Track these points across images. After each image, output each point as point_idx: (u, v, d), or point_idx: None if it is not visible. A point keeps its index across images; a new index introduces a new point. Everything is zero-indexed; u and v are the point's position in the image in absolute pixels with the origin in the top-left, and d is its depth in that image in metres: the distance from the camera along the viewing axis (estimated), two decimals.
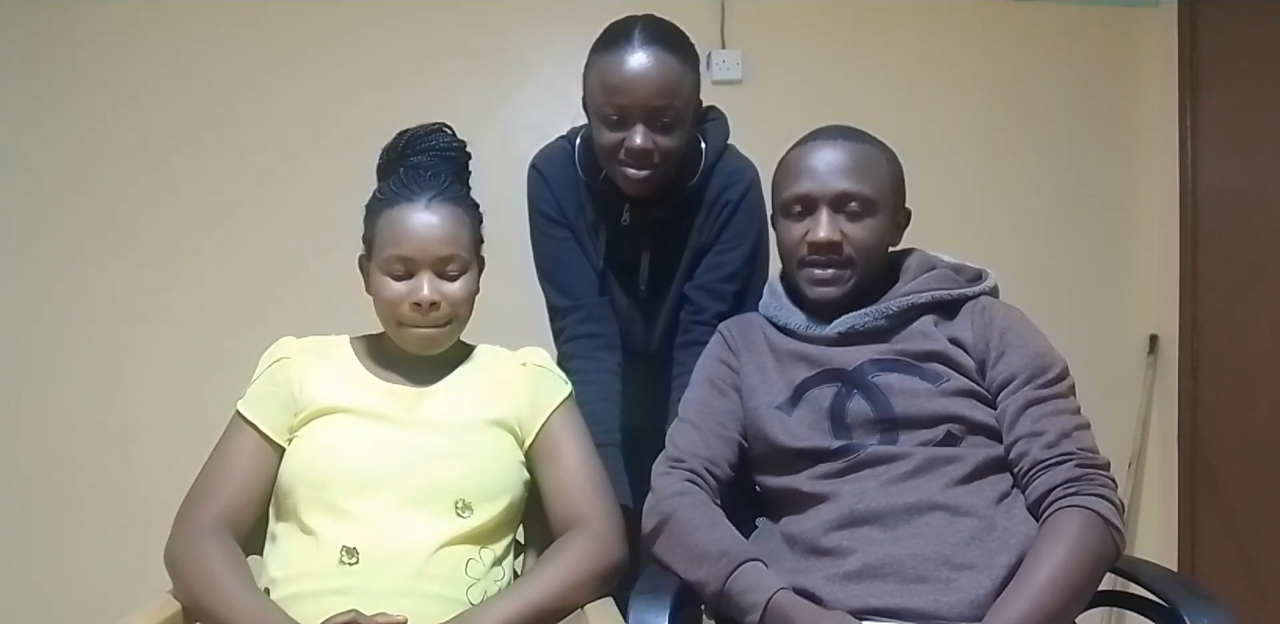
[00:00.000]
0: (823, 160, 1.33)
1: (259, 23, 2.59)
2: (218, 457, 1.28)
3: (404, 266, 1.27)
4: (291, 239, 2.56)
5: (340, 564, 1.16)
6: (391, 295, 1.27)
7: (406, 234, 1.26)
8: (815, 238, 1.31)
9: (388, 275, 1.27)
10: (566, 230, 1.64)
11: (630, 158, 1.48)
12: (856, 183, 1.32)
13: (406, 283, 1.27)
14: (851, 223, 1.32)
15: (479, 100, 2.60)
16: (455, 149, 1.36)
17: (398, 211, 1.27)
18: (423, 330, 1.29)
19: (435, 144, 1.35)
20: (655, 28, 1.49)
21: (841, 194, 1.31)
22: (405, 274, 1.27)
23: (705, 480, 1.30)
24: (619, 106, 1.45)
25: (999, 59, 2.73)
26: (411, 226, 1.26)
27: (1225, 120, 2.55)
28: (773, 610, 1.12)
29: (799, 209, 1.34)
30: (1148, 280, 2.74)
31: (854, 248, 1.32)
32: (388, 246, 1.27)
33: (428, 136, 1.35)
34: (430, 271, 1.27)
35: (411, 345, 1.31)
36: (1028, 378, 1.25)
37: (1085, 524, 1.12)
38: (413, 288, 1.27)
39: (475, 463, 1.26)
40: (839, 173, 1.32)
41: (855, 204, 1.32)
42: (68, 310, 2.55)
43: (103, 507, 2.51)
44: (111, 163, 2.56)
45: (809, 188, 1.32)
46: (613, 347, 1.64)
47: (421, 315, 1.27)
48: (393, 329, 1.31)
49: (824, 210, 1.32)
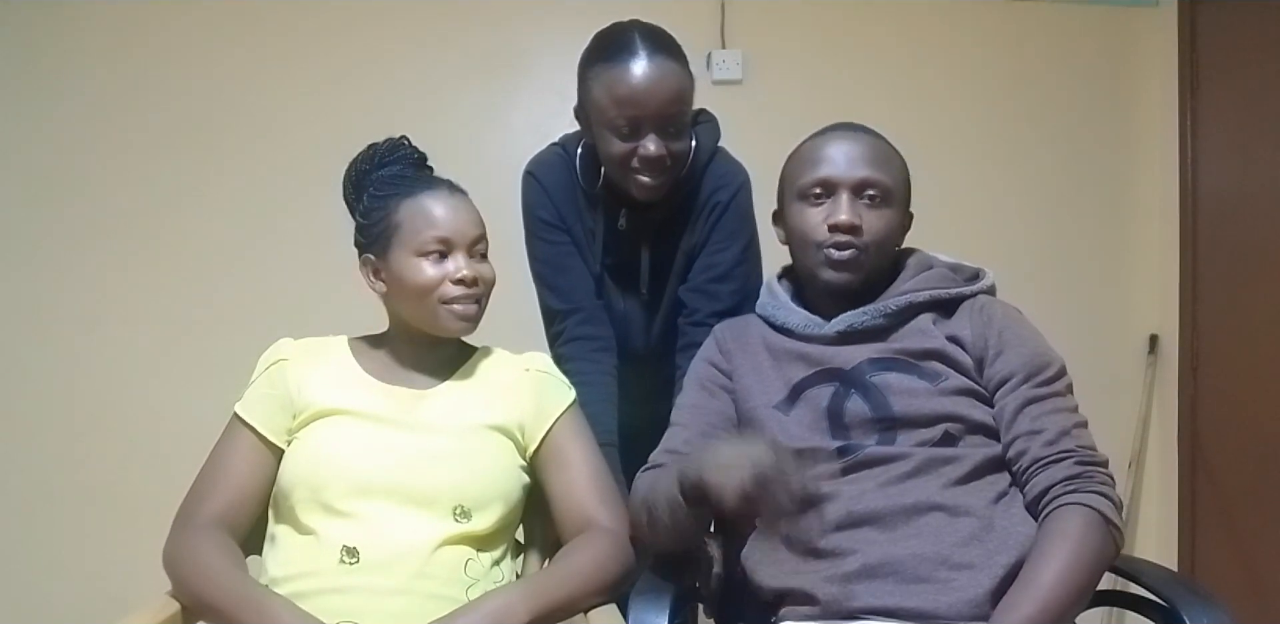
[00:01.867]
0: (843, 148, 1.34)
1: (259, 23, 2.60)
2: (215, 458, 1.29)
3: (443, 247, 1.29)
4: (291, 240, 2.57)
5: (340, 563, 1.16)
6: (431, 276, 1.28)
7: (442, 216, 1.29)
8: (837, 220, 1.31)
9: (424, 257, 1.29)
10: (565, 235, 1.65)
11: (644, 166, 1.49)
12: (877, 171, 1.33)
13: (443, 264, 1.29)
14: (870, 210, 1.33)
15: (479, 101, 2.60)
16: (421, 159, 1.41)
17: (425, 198, 1.30)
18: (462, 307, 1.30)
19: (404, 155, 1.39)
20: (654, 36, 1.50)
21: (863, 180, 1.32)
22: (442, 255, 1.29)
23: None
24: (631, 117, 1.46)
25: (999, 59, 2.73)
26: (446, 209, 1.30)
27: (1225, 120, 2.55)
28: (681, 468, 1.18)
29: (818, 192, 1.34)
30: (1148, 280, 2.74)
31: (871, 236, 1.32)
32: (422, 230, 1.28)
33: (394, 150, 1.39)
34: (464, 252, 1.30)
35: (455, 323, 1.31)
36: (1026, 376, 1.25)
37: (1087, 522, 1.12)
38: (454, 266, 1.29)
39: (474, 468, 1.26)
40: (860, 161, 1.33)
41: (874, 192, 1.33)
42: (67, 311, 2.56)
43: (102, 507, 2.52)
44: (111, 163, 2.57)
45: (830, 172, 1.33)
46: (609, 349, 1.65)
47: (465, 290, 1.29)
48: (430, 313, 1.30)
49: (844, 194, 1.32)
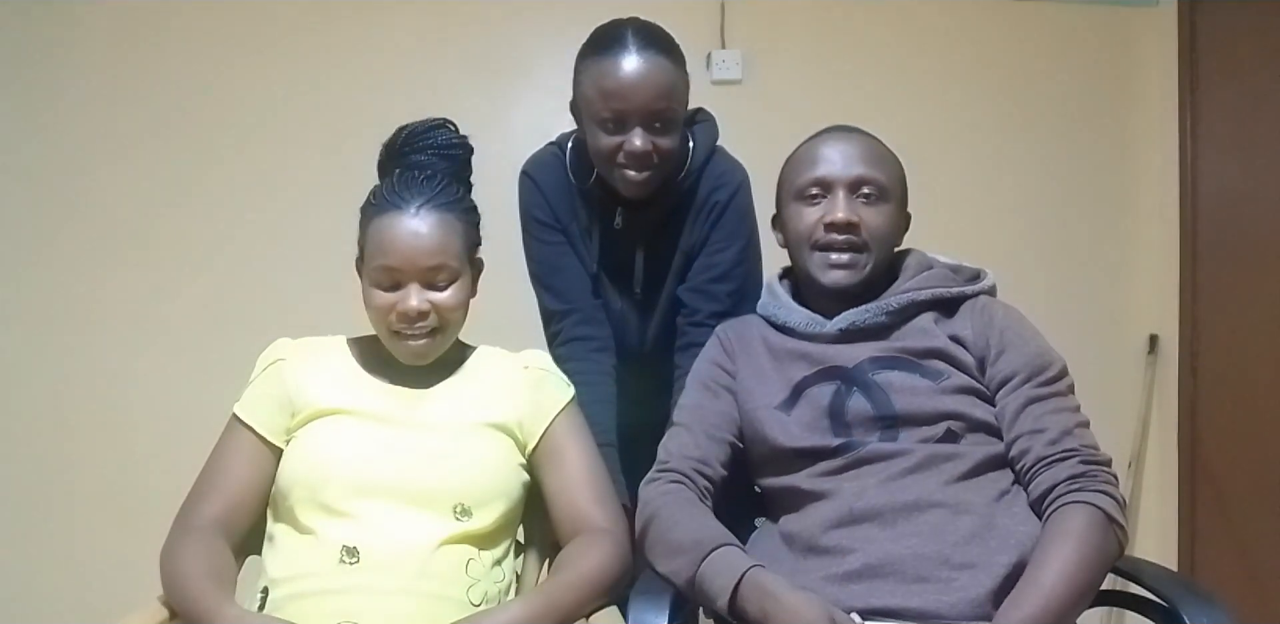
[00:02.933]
0: (839, 148, 1.36)
1: (259, 24, 2.59)
2: (214, 459, 1.28)
3: (390, 277, 1.25)
4: (290, 240, 2.57)
5: (340, 563, 1.16)
6: (380, 304, 1.26)
7: (393, 245, 1.24)
8: (834, 217, 1.31)
9: (375, 286, 1.26)
10: (560, 235, 1.66)
11: (629, 160, 1.49)
12: (872, 169, 1.34)
13: (394, 293, 1.26)
14: (867, 207, 1.33)
15: (478, 101, 2.60)
16: (456, 146, 1.35)
17: (386, 220, 1.25)
18: (412, 343, 1.27)
19: (435, 141, 1.33)
20: (647, 31, 1.50)
21: (859, 178, 1.33)
22: (392, 285, 1.26)
23: (693, 480, 1.30)
24: (617, 111, 1.46)
25: (999, 59, 2.73)
26: (399, 237, 1.24)
27: (1225, 120, 2.55)
28: (747, 586, 1.09)
29: (814, 192, 1.34)
30: (1148, 280, 2.74)
31: (869, 233, 1.33)
32: (375, 256, 1.25)
33: (427, 133, 1.33)
34: (417, 282, 1.25)
35: (402, 356, 1.30)
36: (1028, 376, 1.26)
37: (1091, 521, 1.12)
38: (400, 298, 1.25)
39: (473, 466, 1.26)
40: (855, 159, 1.34)
41: (871, 189, 1.33)
42: (66, 311, 2.55)
43: (101, 508, 2.51)
44: (110, 163, 2.56)
45: (826, 171, 1.34)
46: (607, 349, 1.65)
47: (409, 325, 1.26)
48: (385, 338, 1.30)
49: (841, 193, 1.33)
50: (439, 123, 1.34)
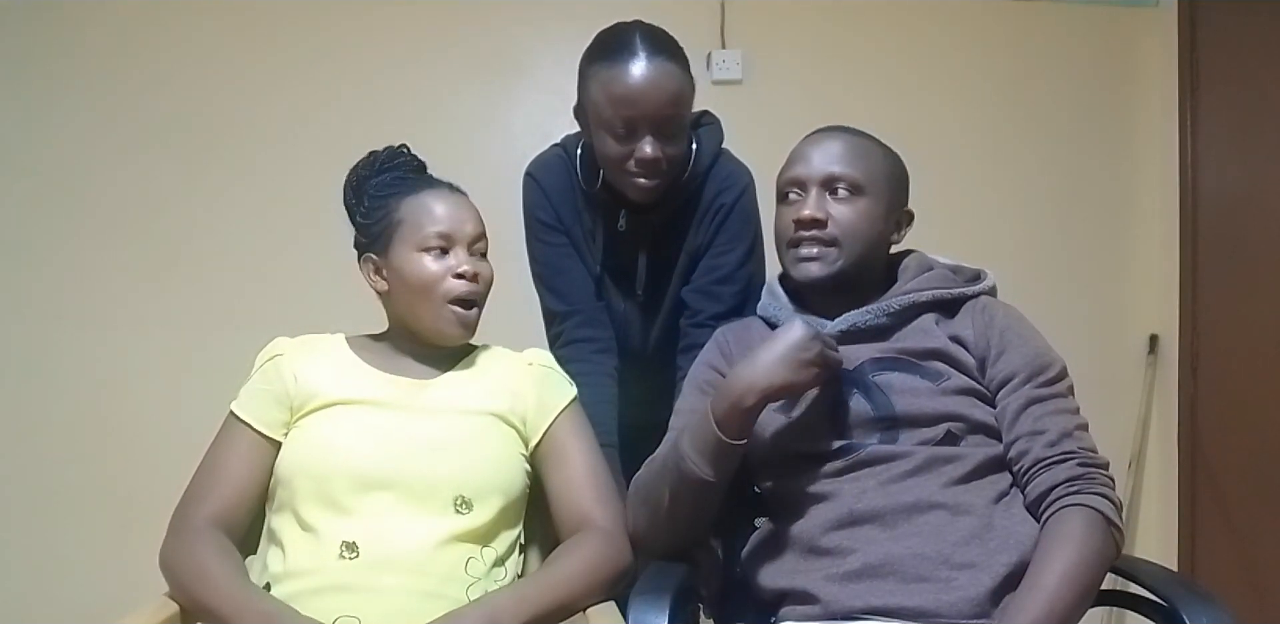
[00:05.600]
0: (817, 148, 1.37)
1: (259, 24, 2.59)
2: (212, 457, 1.29)
3: (444, 242, 1.31)
4: (290, 240, 2.57)
5: (340, 559, 1.16)
6: (435, 270, 1.30)
7: (444, 212, 1.32)
8: (799, 215, 1.32)
9: (426, 253, 1.30)
10: (564, 237, 1.66)
11: (640, 168, 1.49)
12: (845, 167, 1.34)
13: (444, 260, 1.31)
14: (839, 204, 1.33)
15: (479, 102, 2.60)
16: (419, 168, 1.42)
17: (426, 195, 1.33)
18: (469, 311, 1.32)
19: (402, 163, 1.40)
20: (654, 36, 1.49)
21: (830, 176, 1.33)
22: (444, 251, 1.31)
23: None
24: (628, 118, 1.46)
25: (999, 59, 2.73)
26: (447, 206, 1.33)
27: (1225, 120, 2.55)
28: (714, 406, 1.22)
29: (791, 192, 1.36)
30: (1148, 280, 2.74)
31: (839, 227, 1.32)
32: (425, 226, 1.31)
33: (393, 157, 1.41)
34: (464, 248, 1.32)
35: (454, 328, 1.32)
36: (1028, 377, 1.26)
37: (1089, 524, 1.13)
38: (455, 261, 1.31)
39: (475, 455, 1.26)
40: (830, 158, 1.35)
41: (843, 185, 1.33)
42: (65, 311, 2.56)
43: (100, 507, 2.52)
44: (109, 163, 2.56)
45: (799, 171, 1.35)
46: (609, 350, 1.65)
47: (467, 286, 1.30)
48: (432, 313, 1.31)
49: (813, 191, 1.34)
50: (399, 148, 1.43)
